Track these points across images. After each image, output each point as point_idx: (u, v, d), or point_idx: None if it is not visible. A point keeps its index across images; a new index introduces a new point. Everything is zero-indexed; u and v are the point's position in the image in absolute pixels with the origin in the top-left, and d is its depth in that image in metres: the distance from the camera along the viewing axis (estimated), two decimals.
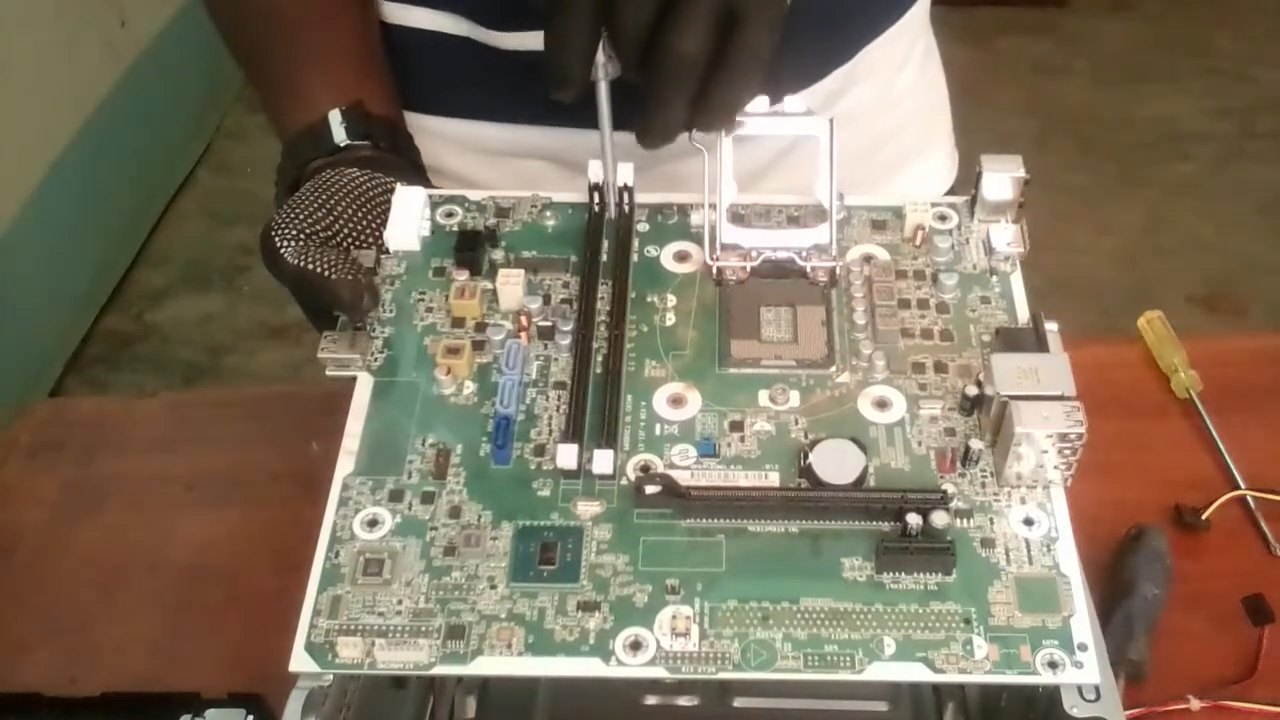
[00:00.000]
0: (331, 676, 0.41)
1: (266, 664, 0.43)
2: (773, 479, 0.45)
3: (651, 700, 0.52)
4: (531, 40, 0.64)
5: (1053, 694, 0.42)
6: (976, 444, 0.45)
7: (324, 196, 0.53)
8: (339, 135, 0.58)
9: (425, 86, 0.68)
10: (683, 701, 0.52)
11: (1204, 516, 0.62)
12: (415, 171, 0.60)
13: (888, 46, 0.71)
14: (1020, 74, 2.27)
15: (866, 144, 0.70)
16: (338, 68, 0.62)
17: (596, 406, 0.47)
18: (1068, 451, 0.44)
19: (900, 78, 0.74)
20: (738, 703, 0.51)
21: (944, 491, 0.44)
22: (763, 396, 0.48)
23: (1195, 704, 0.55)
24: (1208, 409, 0.68)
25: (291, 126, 0.60)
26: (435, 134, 0.69)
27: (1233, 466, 0.65)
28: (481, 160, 0.70)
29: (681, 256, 0.53)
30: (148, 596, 0.62)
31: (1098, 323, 1.64)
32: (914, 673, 0.41)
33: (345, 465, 0.46)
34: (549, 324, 0.50)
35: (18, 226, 1.63)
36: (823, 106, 0.69)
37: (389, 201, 0.53)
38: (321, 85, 0.61)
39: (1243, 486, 0.64)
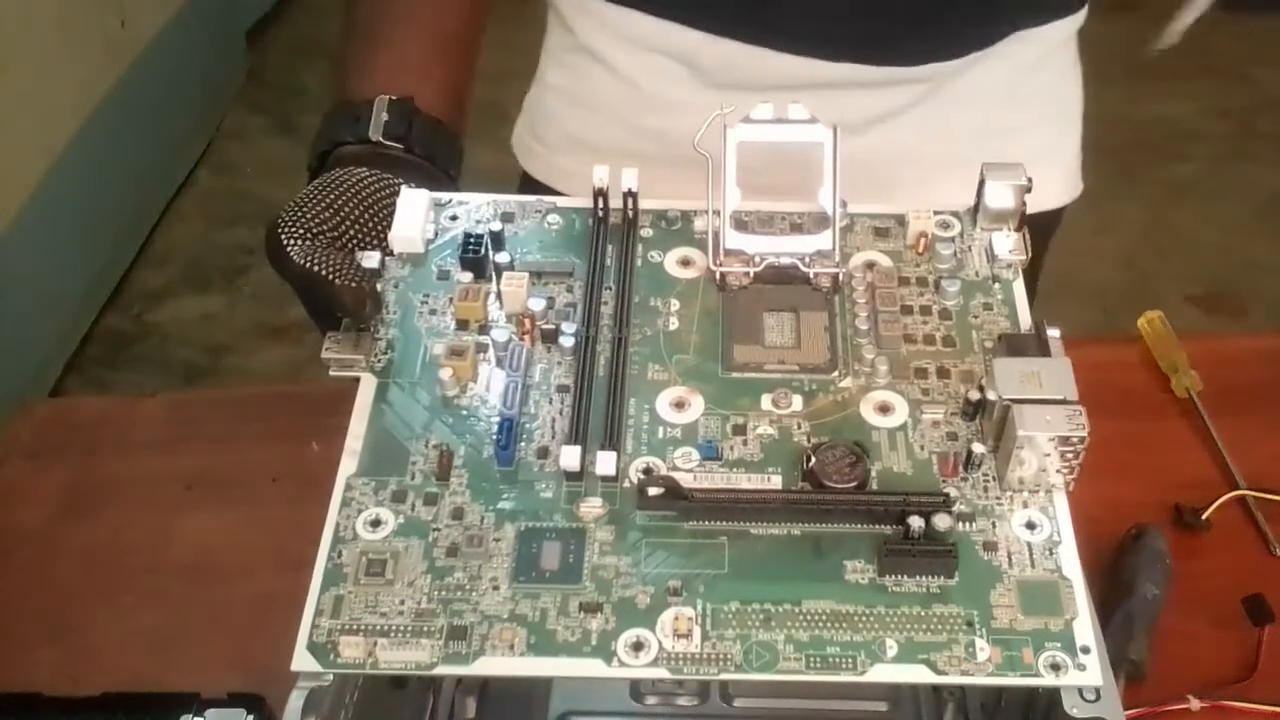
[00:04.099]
0: (331, 677, 0.41)
1: (266, 664, 0.43)
2: (775, 482, 0.45)
3: (652, 701, 0.52)
4: None
5: (1053, 694, 0.42)
6: (979, 448, 0.45)
7: (331, 196, 0.53)
8: (375, 129, 0.58)
9: None
10: (683, 702, 0.52)
11: (1204, 516, 0.63)
12: (443, 179, 0.60)
13: (1025, 44, 0.72)
14: None
15: (981, 125, 0.72)
16: (412, 45, 0.62)
17: (599, 409, 0.47)
18: (1069, 455, 0.44)
19: (1033, 80, 0.74)
20: (738, 703, 0.51)
21: (946, 495, 0.44)
22: (765, 400, 0.48)
23: (1195, 704, 0.55)
24: (1208, 409, 0.68)
25: (345, 91, 0.60)
26: (593, 16, 0.71)
27: (1233, 466, 0.65)
28: (629, 51, 0.71)
29: (685, 262, 0.53)
30: (148, 596, 0.62)
31: (1098, 323, 1.64)
32: (916, 674, 0.41)
33: (348, 466, 0.46)
34: (552, 327, 0.50)
35: (18, 226, 1.63)
36: (947, 75, 0.70)
37: (395, 203, 0.53)
38: (387, 61, 0.61)
39: (1243, 486, 0.64)
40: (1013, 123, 0.74)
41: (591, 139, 0.75)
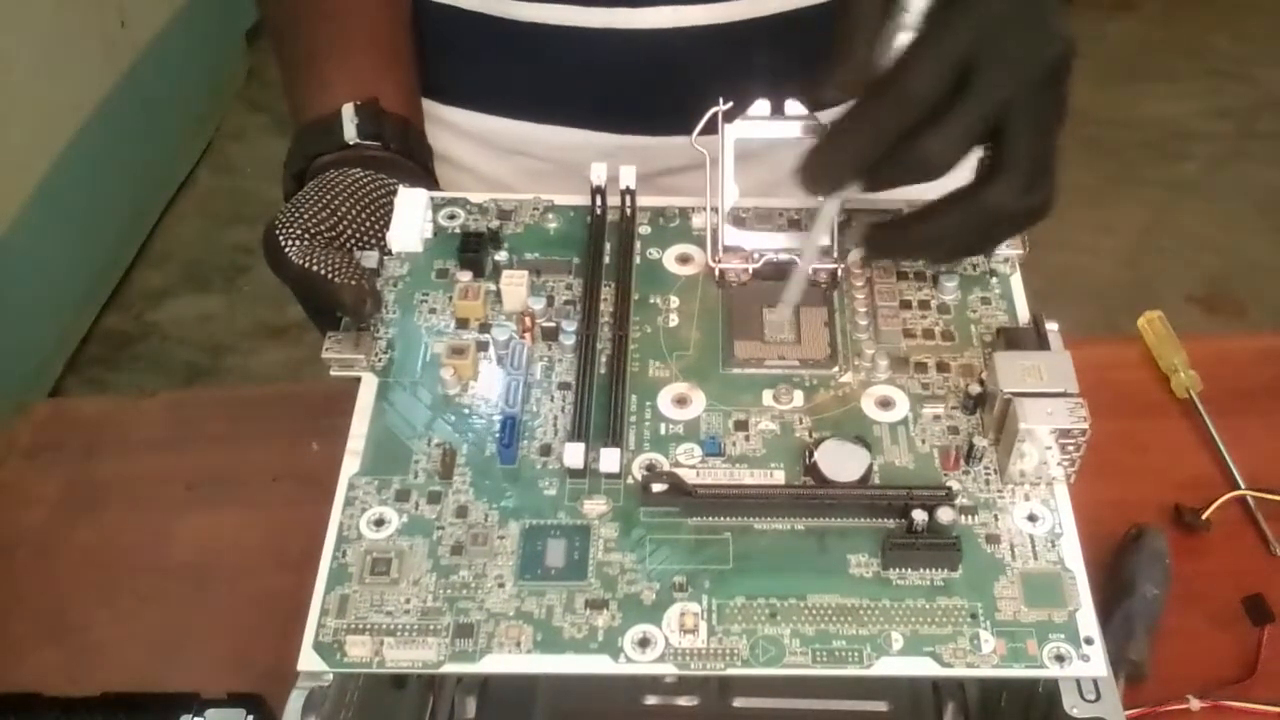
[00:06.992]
0: (331, 676, 0.41)
1: (266, 664, 0.43)
2: (778, 477, 0.45)
3: (652, 700, 0.52)
4: (547, 12, 0.64)
5: (1053, 694, 0.42)
6: (980, 441, 0.45)
7: (328, 197, 0.53)
8: (349, 132, 0.58)
9: (441, 72, 0.68)
10: (683, 701, 0.52)
11: (1204, 516, 0.62)
12: (424, 175, 0.60)
13: None
14: None
15: None
16: (360, 58, 0.62)
17: (601, 406, 0.47)
18: (1071, 448, 0.44)
19: None
20: (738, 702, 0.51)
21: (949, 488, 0.44)
22: (766, 396, 0.48)
23: (1195, 704, 0.54)
24: (1208, 409, 0.67)
25: (306, 113, 0.60)
26: (448, 124, 0.70)
27: (1233, 466, 0.65)
28: (491, 155, 0.71)
29: (684, 259, 0.53)
30: (148, 596, 0.62)
31: (1098, 323, 1.64)
32: (922, 667, 0.41)
33: (351, 465, 0.46)
34: (553, 325, 0.50)
35: (18, 226, 1.63)
36: None
37: (392, 203, 0.53)
38: (340, 75, 0.60)
39: (1243, 486, 0.64)
40: None
41: None
